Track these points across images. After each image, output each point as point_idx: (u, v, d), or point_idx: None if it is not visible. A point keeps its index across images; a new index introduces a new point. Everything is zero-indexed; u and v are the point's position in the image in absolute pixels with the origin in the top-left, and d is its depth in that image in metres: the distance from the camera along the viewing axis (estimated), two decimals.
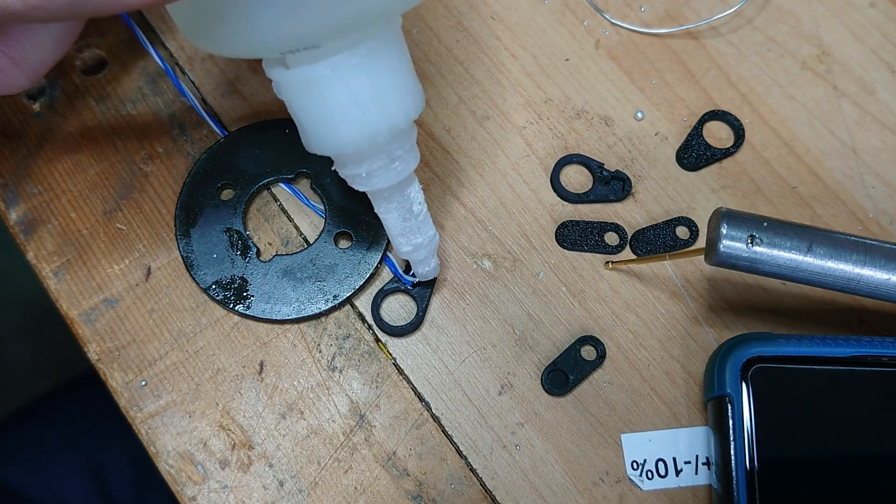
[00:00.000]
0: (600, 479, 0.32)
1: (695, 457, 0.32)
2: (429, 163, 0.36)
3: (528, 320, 0.34)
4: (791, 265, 0.29)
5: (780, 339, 0.31)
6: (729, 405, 0.30)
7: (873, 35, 0.40)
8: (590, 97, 0.38)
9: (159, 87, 0.37)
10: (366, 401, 0.33)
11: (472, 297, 0.34)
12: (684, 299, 0.35)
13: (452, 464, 0.32)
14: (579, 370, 0.33)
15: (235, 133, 0.36)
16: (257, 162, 0.35)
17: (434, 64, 0.38)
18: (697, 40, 0.39)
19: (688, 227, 0.36)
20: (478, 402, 0.33)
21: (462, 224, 0.35)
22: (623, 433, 0.33)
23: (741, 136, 0.37)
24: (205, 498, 0.31)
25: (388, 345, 0.34)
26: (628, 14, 0.40)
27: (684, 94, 0.38)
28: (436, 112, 0.37)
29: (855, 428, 0.30)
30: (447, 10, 0.39)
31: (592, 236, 0.35)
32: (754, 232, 0.29)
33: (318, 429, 0.32)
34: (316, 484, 0.32)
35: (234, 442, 0.32)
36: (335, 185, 0.35)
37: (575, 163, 0.37)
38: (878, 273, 0.29)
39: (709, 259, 0.30)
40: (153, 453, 0.32)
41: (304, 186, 0.36)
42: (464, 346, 0.34)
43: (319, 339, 0.34)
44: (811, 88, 0.39)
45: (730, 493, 0.30)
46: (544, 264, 0.35)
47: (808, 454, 0.30)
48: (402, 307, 0.34)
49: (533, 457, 0.32)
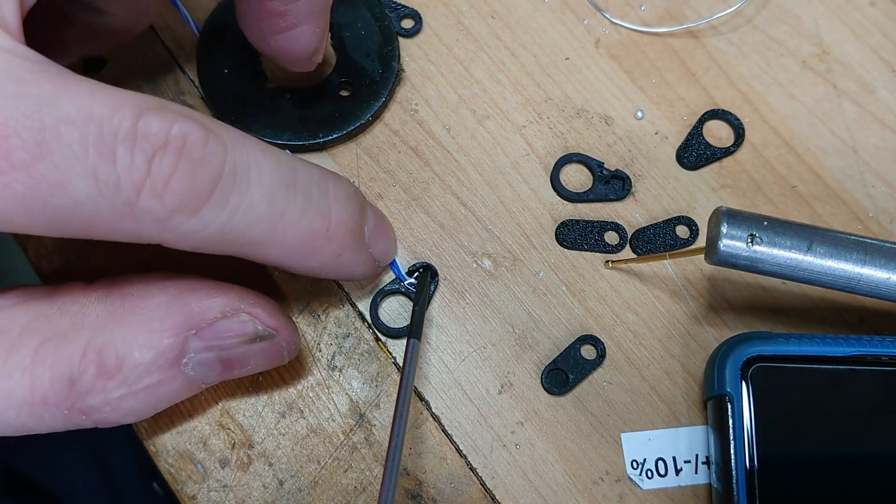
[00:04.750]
0: (600, 479, 0.32)
1: (695, 456, 0.32)
2: (429, 162, 0.36)
3: (528, 319, 0.34)
4: (791, 264, 0.29)
5: (780, 339, 0.31)
6: (729, 404, 0.30)
7: (873, 34, 0.40)
8: (590, 96, 0.38)
9: (159, 87, 0.37)
10: (366, 400, 0.33)
11: (472, 296, 0.34)
12: (684, 298, 0.35)
13: (452, 463, 0.32)
14: (579, 369, 0.33)
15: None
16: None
17: (434, 63, 0.38)
18: (697, 39, 0.39)
19: (688, 226, 0.36)
20: (477, 401, 0.33)
21: (462, 223, 0.35)
22: (623, 432, 0.33)
23: (741, 135, 0.37)
24: (205, 497, 0.31)
25: (388, 344, 0.34)
26: (628, 13, 0.40)
27: (684, 93, 0.38)
28: (436, 111, 0.37)
29: (855, 427, 0.30)
30: (447, 8, 0.39)
31: (592, 235, 0.35)
32: (754, 231, 0.29)
33: (318, 428, 0.32)
34: (316, 483, 0.32)
35: (234, 441, 0.32)
36: (352, 40, 0.37)
37: (575, 162, 0.37)
38: (878, 272, 0.29)
39: (709, 258, 0.30)
40: (153, 452, 0.32)
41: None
42: (463, 345, 0.34)
43: (319, 339, 0.34)
44: (811, 87, 0.38)
45: (730, 492, 0.30)
46: (544, 263, 0.35)
47: (808, 453, 0.30)
48: (402, 307, 0.34)
49: (533, 456, 0.32)
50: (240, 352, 0.28)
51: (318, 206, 0.26)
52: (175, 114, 0.23)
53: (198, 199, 0.23)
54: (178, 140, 0.22)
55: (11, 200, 0.21)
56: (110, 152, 0.21)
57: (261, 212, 0.24)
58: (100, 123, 0.21)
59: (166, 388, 0.26)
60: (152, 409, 0.27)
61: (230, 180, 0.23)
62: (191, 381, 0.27)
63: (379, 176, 0.36)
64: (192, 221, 0.23)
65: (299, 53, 0.31)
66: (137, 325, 0.26)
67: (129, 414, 0.26)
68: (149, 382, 0.26)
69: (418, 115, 0.37)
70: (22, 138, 0.20)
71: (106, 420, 0.26)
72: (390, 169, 0.36)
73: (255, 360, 0.28)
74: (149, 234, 0.23)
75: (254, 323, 0.27)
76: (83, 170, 0.21)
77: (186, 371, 0.27)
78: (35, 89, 0.21)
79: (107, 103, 0.21)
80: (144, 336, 0.26)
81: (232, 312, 0.27)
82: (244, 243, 0.25)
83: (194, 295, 0.27)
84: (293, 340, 0.29)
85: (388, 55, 0.37)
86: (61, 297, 0.26)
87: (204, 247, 0.25)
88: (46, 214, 0.21)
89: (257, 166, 0.24)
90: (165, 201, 0.22)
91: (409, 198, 0.36)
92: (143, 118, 0.22)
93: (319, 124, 0.36)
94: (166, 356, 0.26)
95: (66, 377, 0.25)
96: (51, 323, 0.25)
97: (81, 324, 0.25)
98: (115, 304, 0.26)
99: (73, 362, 0.25)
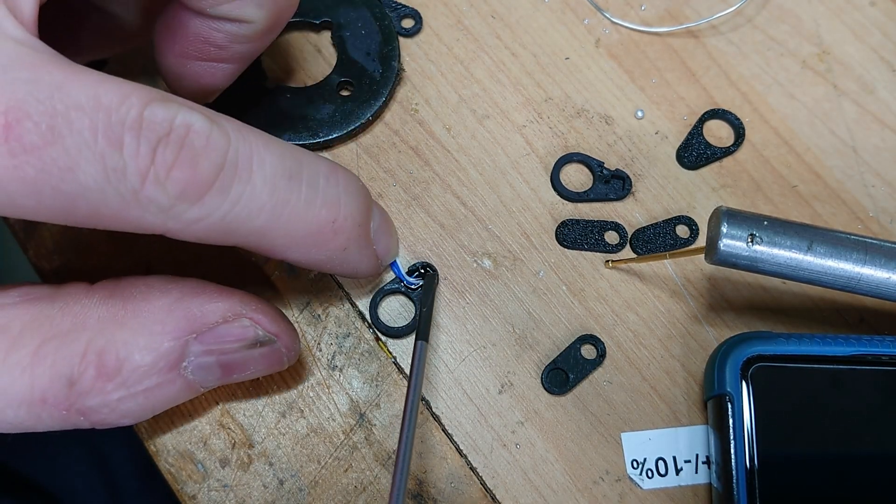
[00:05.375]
0: (600, 478, 0.32)
1: (695, 455, 0.32)
2: (429, 161, 0.36)
3: (529, 319, 0.34)
4: (791, 264, 0.29)
5: (780, 338, 0.31)
6: (729, 404, 0.30)
7: (874, 34, 0.40)
8: (590, 96, 0.38)
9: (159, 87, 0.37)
10: (366, 399, 0.33)
11: (472, 295, 0.34)
12: (684, 298, 0.35)
13: (452, 462, 0.32)
14: (579, 369, 0.33)
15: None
16: None
17: (434, 62, 0.38)
18: (698, 39, 0.39)
19: (688, 225, 0.36)
20: (478, 400, 0.33)
21: (462, 223, 0.35)
22: (623, 432, 0.33)
23: (741, 134, 0.37)
24: (205, 496, 0.31)
25: (388, 344, 0.34)
26: (628, 13, 0.40)
27: (684, 92, 0.38)
28: (436, 111, 0.37)
29: (855, 427, 0.30)
30: (447, 8, 0.39)
31: (592, 235, 0.35)
32: (754, 231, 0.29)
33: (318, 427, 0.32)
34: (316, 483, 0.32)
35: (234, 441, 0.32)
36: (352, 40, 0.37)
37: (575, 161, 0.37)
38: (878, 272, 0.29)
39: (709, 258, 0.30)
40: (153, 452, 0.32)
41: (325, 37, 0.38)
42: (464, 344, 0.34)
43: (319, 338, 0.34)
44: (811, 87, 0.38)
45: (730, 492, 0.30)
46: (544, 263, 0.35)
47: (808, 453, 0.30)
48: (402, 307, 0.34)
49: (533, 455, 0.32)
50: (240, 356, 0.28)
51: (326, 197, 0.27)
52: (180, 104, 0.23)
53: (200, 188, 0.23)
54: (181, 129, 0.23)
55: (22, 183, 0.21)
56: (118, 140, 0.21)
57: (263, 201, 0.25)
58: (108, 111, 0.21)
59: (165, 391, 0.26)
60: (150, 411, 0.27)
61: (232, 169, 0.24)
62: (190, 385, 0.27)
63: (379, 175, 0.36)
64: (194, 210, 0.23)
65: (210, 87, 0.31)
66: (138, 327, 0.26)
67: (127, 416, 0.26)
68: (148, 385, 0.26)
69: (418, 114, 0.37)
70: (35, 122, 0.20)
71: (104, 421, 0.26)
72: (390, 168, 0.36)
73: (255, 365, 0.28)
74: (153, 222, 0.23)
75: (255, 328, 0.27)
76: (92, 156, 0.21)
77: (186, 374, 0.27)
78: (47, 77, 0.21)
79: (116, 92, 0.22)
80: (145, 339, 0.26)
81: (233, 317, 0.27)
82: (248, 233, 0.25)
83: (196, 299, 0.27)
84: (293, 347, 0.29)
85: (389, 55, 0.37)
86: (63, 297, 0.26)
87: (208, 236, 0.25)
88: (55, 199, 0.21)
89: (260, 156, 0.25)
90: (168, 189, 0.23)
91: (409, 197, 0.36)
92: (150, 108, 0.22)
93: (319, 124, 0.36)
94: (166, 359, 0.26)
95: (66, 377, 0.25)
96: (52, 323, 0.25)
97: (83, 325, 0.25)
98: (117, 306, 0.26)
99: (73, 363, 0.25)
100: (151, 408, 0.27)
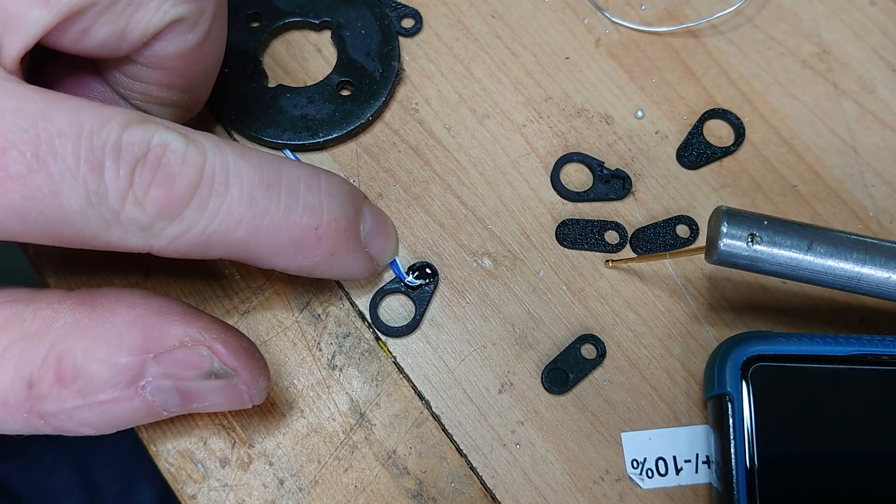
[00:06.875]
0: (600, 478, 0.32)
1: (695, 455, 0.32)
2: (429, 161, 0.36)
3: (529, 319, 0.34)
4: (791, 264, 0.29)
5: (780, 338, 0.31)
6: (729, 404, 0.30)
7: (874, 33, 0.40)
8: (590, 95, 0.38)
9: None
10: (366, 399, 0.33)
11: (472, 295, 0.34)
12: (684, 298, 0.35)
13: (452, 462, 0.32)
14: (579, 369, 0.33)
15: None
16: (289, 1, 0.38)
17: (434, 62, 0.38)
18: (698, 39, 0.39)
19: (688, 225, 0.36)
20: (478, 400, 0.33)
21: (462, 222, 0.35)
22: (623, 431, 0.33)
23: (741, 134, 0.37)
24: (205, 496, 0.31)
25: (389, 343, 0.34)
26: (629, 12, 0.40)
27: (685, 92, 0.38)
28: (436, 110, 0.37)
29: (855, 426, 0.30)
30: (447, 8, 0.39)
31: (593, 235, 0.35)
32: (754, 230, 0.29)
33: (318, 427, 0.32)
34: (316, 482, 0.32)
35: (234, 440, 0.32)
36: (352, 39, 0.37)
37: (575, 161, 0.37)
38: (878, 272, 0.29)
39: (709, 257, 0.30)
40: (153, 452, 0.32)
41: (325, 37, 0.38)
42: (464, 344, 0.34)
43: (319, 338, 0.34)
44: (811, 87, 0.38)
45: (730, 492, 0.30)
46: (544, 263, 0.35)
47: (809, 453, 0.30)
48: (402, 306, 0.34)
49: (533, 455, 0.32)
50: (195, 385, 0.26)
51: (307, 203, 0.27)
52: (157, 125, 0.24)
53: (177, 204, 0.24)
54: (158, 149, 0.24)
55: (8, 210, 0.22)
56: (99, 164, 0.22)
57: (242, 212, 0.25)
58: (90, 136, 0.22)
59: (122, 407, 0.26)
60: (108, 425, 0.26)
61: (209, 184, 0.24)
62: (150, 406, 0.26)
63: (379, 175, 0.36)
64: (174, 226, 0.24)
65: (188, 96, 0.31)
66: (99, 338, 0.25)
67: (85, 425, 0.26)
68: (104, 398, 0.25)
69: (418, 114, 0.37)
70: (20, 150, 0.21)
71: (63, 428, 0.25)
72: (390, 168, 0.36)
73: (212, 397, 0.27)
74: (136, 242, 0.24)
75: (211, 359, 0.26)
76: (75, 181, 0.22)
77: (145, 395, 0.26)
78: (31, 105, 0.22)
79: (97, 117, 0.22)
80: (103, 350, 0.25)
81: (192, 343, 0.26)
82: (230, 244, 0.25)
83: (158, 318, 0.26)
84: (255, 385, 0.27)
85: (389, 54, 0.37)
86: (38, 302, 0.26)
87: (192, 251, 0.25)
88: (41, 224, 0.22)
89: (236, 169, 0.25)
90: (147, 208, 0.23)
91: (409, 197, 0.36)
92: (128, 130, 0.23)
93: (319, 124, 0.36)
94: (123, 375, 0.25)
95: (26, 380, 0.24)
96: (23, 325, 0.25)
97: (49, 328, 0.25)
98: (84, 314, 0.25)
99: (34, 366, 0.24)
100: (108, 421, 0.26)
